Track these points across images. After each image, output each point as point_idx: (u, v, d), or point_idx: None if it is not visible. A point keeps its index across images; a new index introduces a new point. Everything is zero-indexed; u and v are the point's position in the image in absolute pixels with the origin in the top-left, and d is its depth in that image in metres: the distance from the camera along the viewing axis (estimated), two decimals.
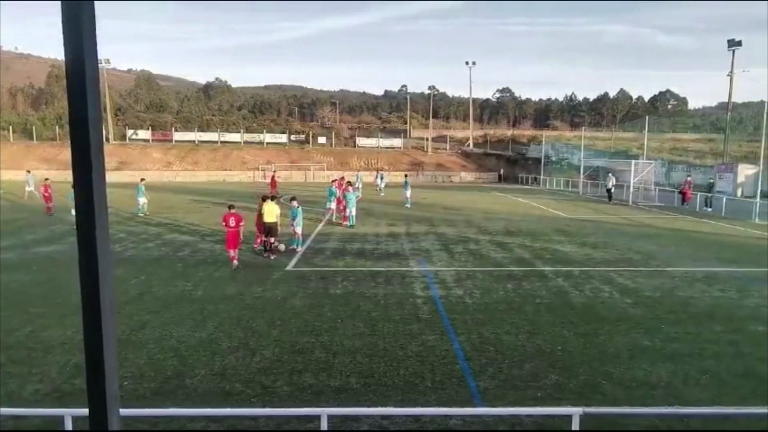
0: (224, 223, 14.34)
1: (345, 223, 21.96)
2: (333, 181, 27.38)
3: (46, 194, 24.72)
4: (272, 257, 15.14)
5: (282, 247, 16.06)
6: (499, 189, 49.90)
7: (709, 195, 30.86)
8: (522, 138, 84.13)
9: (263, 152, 65.82)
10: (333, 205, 24.00)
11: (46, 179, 26.60)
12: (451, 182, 63.43)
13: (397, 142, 73.07)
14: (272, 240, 15.39)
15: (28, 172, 36.19)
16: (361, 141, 72.26)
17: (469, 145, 76.75)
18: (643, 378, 7.36)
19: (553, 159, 62.74)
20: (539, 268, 14.14)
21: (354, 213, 22.17)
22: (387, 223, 23.13)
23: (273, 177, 37.50)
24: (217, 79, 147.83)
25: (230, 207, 15.01)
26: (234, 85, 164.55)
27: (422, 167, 64.84)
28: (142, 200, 25.35)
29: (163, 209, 27.10)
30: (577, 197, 40.29)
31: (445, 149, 73.48)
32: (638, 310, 10.49)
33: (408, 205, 29.75)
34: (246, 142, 68.96)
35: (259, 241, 16.25)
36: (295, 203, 17.46)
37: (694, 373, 7.53)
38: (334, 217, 23.58)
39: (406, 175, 35.86)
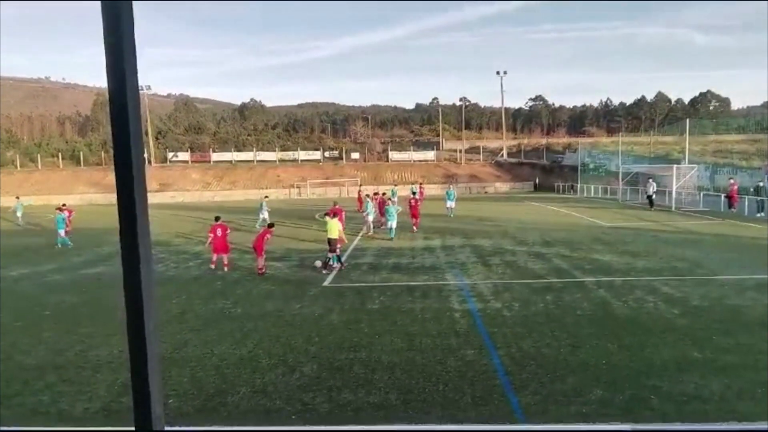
0: (211, 233, 16.17)
1: (383, 227, 23.02)
2: (366, 196, 27.59)
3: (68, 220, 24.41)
4: (325, 270, 15.47)
5: (318, 263, 16.19)
6: (534, 198, 49.11)
7: (759, 198, 29.54)
8: (557, 146, 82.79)
9: (298, 169, 66.89)
10: (371, 218, 24.29)
11: (63, 204, 27.32)
12: (485, 193, 62.82)
13: (429, 154, 73.11)
14: (331, 255, 15.78)
15: (17, 198, 36.02)
16: (394, 155, 72.62)
17: (502, 155, 76.04)
18: (693, 392, 7.04)
19: (590, 166, 61.41)
20: (579, 279, 13.83)
21: (395, 226, 22.55)
22: (422, 237, 23.06)
23: (359, 194, 37.46)
24: (251, 99, 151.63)
25: (217, 219, 16.76)
26: (268, 105, 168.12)
27: (456, 179, 64.50)
28: (264, 215, 28.10)
29: (204, 229, 27.79)
30: (617, 204, 39.23)
31: (479, 160, 73.02)
32: (685, 321, 10.08)
33: (451, 215, 30.40)
34: (281, 160, 70.28)
35: (213, 261, 16.38)
36: (328, 218, 17.63)
37: (748, 387, 7.15)
38: (372, 230, 23.88)
39: (449, 186, 36.95)
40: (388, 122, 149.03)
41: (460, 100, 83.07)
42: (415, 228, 24.37)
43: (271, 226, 15.89)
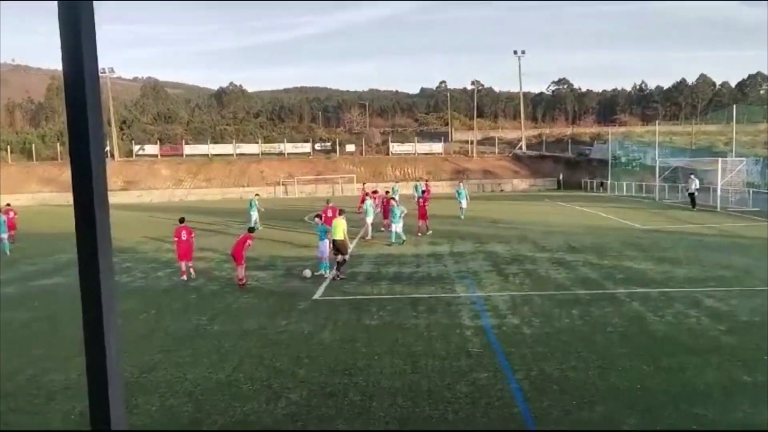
0: (175, 237, 16.44)
1: (387, 230, 23.57)
2: (366, 194, 27.60)
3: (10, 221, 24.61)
4: (340, 277, 15.81)
5: (307, 273, 16.21)
6: (558, 197, 49.11)
7: None
8: (584, 136, 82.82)
9: (284, 164, 66.93)
10: (371, 220, 24.37)
11: (8, 204, 27.35)
12: (501, 191, 62.87)
13: (436, 146, 73.13)
14: (340, 259, 16.01)
15: None
16: (396, 147, 72.65)
17: (521, 147, 76.11)
18: (743, 420, 7.04)
19: (622, 159, 61.41)
20: (609, 290, 13.85)
21: (400, 229, 22.64)
22: (428, 242, 23.08)
23: (363, 192, 37.40)
24: (230, 83, 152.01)
25: (181, 220, 17.04)
26: (250, 90, 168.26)
27: (467, 174, 64.53)
28: (255, 215, 28.28)
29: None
30: (653, 204, 39.30)
31: (494, 153, 73.09)
32: (733, 339, 10.08)
33: (462, 217, 30.65)
34: (264, 154, 70.30)
35: (182, 272, 16.50)
36: (318, 220, 17.65)
37: None
38: (371, 234, 23.84)
39: (459, 183, 36.42)
40: (388, 109, 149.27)
41: (472, 83, 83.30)
42: (421, 232, 24.75)
43: (251, 231, 15.93)
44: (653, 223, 27.42)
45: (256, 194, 32.62)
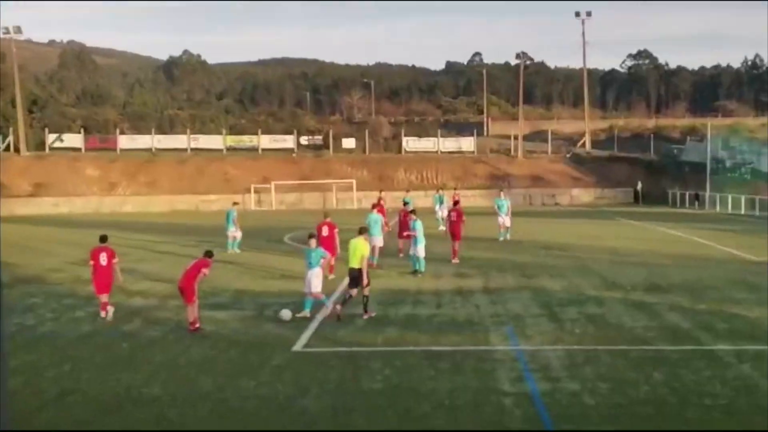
0: (92, 260, 16.60)
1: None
2: (374, 205, 27.60)
3: None
4: (371, 314, 16.26)
5: (286, 314, 16.13)
6: (635, 214, 48.94)
7: None
8: (672, 131, 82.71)
9: (258, 164, 67.21)
10: (379, 241, 24.42)
11: None
12: (556, 205, 62.88)
13: (467, 143, 73.29)
14: (353, 293, 16.53)
15: None
16: (411, 143, 72.90)
17: (584, 145, 76.15)
18: None
19: (727, 163, 61.28)
20: (708, 346, 13.73)
21: (423, 254, 22.79)
22: (453, 272, 22.94)
23: (380, 202, 37.70)
24: (185, 52, 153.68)
25: (102, 239, 17.09)
26: (211, 61, 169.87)
27: (508, 182, 64.61)
28: (233, 232, 29.14)
29: None
30: None
31: (546, 152, 73.16)
32: None
33: (504, 238, 31.62)
34: (231, 149, 70.64)
35: (103, 308, 16.69)
36: (313, 242, 17.66)
37: None
38: (375, 261, 23.54)
39: (500, 192, 36.35)
40: (401, 91, 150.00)
41: (517, 57, 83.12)
42: (455, 257, 25.19)
43: (209, 255, 15.87)
44: None
45: (235, 202, 33.13)
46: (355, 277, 16.56)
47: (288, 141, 71.93)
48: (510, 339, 14.47)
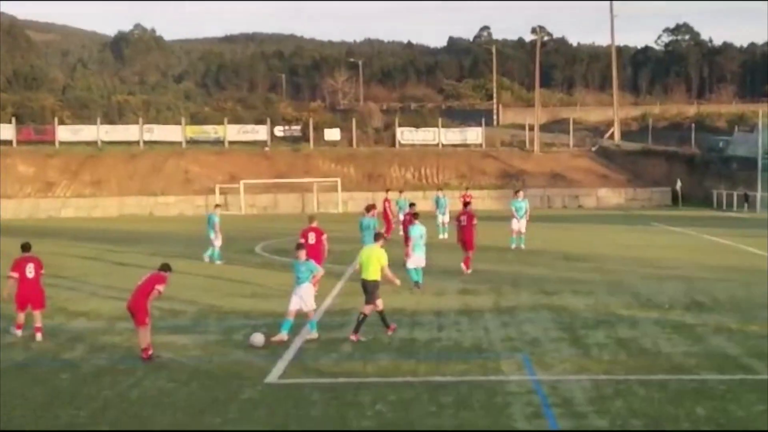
0: (15, 272, 16.87)
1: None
2: (368, 208, 27.20)
3: None
4: (359, 338, 16.42)
5: (258, 339, 16.08)
6: (674, 219, 49.05)
7: None
8: (717, 119, 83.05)
9: (224, 159, 67.21)
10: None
11: None
12: (579, 207, 63.06)
13: (472, 134, 73.47)
14: (366, 311, 16.75)
15: None
16: (407, 134, 72.97)
17: (612, 137, 76.37)
18: None
19: None
20: (760, 376, 13.70)
21: (422, 263, 23.34)
22: (457, 288, 22.95)
23: (386, 204, 37.92)
24: (137, 26, 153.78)
25: (25, 247, 17.39)
26: (168, 38, 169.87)
27: (523, 180, 64.76)
28: (213, 240, 29.54)
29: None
30: None
31: (567, 145, 73.34)
32: None
33: (517, 245, 32.25)
34: (192, 142, 70.58)
35: (19, 325, 16.98)
36: (302, 254, 17.54)
37: None
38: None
39: (516, 192, 36.44)
40: (395, 73, 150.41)
41: (533, 32, 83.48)
42: (468, 268, 25.64)
43: (165, 269, 15.77)
44: None
45: (217, 205, 33.34)
46: (371, 291, 16.83)
47: (260, 132, 71.94)
48: (526, 368, 14.41)
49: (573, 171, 68.25)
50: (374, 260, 17.01)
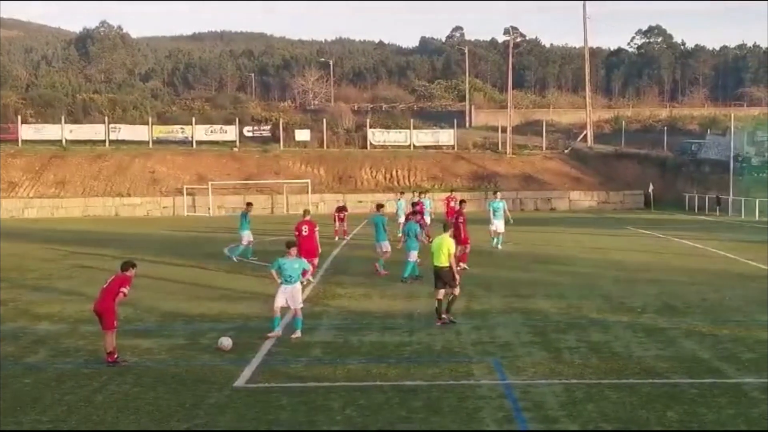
0: None
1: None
2: (378, 207, 29.01)
3: None
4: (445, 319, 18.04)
5: (226, 342, 16.03)
6: (647, 222, 49.41)
7: None
8: (689, 122, 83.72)
9: (192, 160, 66.92)
10: (386, 244, 26.43)
11: None
12: (552, 210, 63.34)
13: (445, 135, 73.71)
14: (442, 297, 18.44)
15: None
16: (378, 135, 73.05)
17: (585, 140, 76.84)
18: None
19: (754, 161, 62.17)
20: (731, 379, 13.86)
21: (413, 258, 24.77)
22: (428, 291, 22.98)
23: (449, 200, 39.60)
24: (102, 23, 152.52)
25: None
26: (135, 35, 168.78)
27: (495, 182, 65.01)
28: (247, 237, 30.20)
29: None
30: None
31: (540, 147, 73.68)
32: None
33: (498, 246, 33.20)
34: (159, 142, 70.22)
35: None
36: (294, 251, 17.80)
37: None
38: (382, 267, 26.05)
39: (495, 193, 38.62)
40: (367, 73, 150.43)
41: (506, 33, 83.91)
42: (464, 261, 26.64)
43: (128, 268, 15.65)
44: None
45: (249, 203, 33.73)
46: (442, 277, 18.27)
47: (228, 132, 71.75)
48: (497, 372, 14.44)
49: (545, 173, 68.57)
50: (444, 248, 18.38)
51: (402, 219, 37.96)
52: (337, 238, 37.45)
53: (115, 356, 15.08)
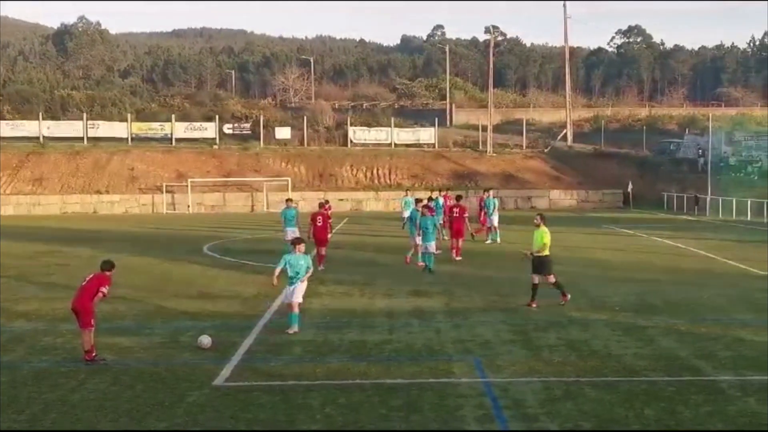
0: None
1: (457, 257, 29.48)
2: (425, 204, 30.10)
3: None
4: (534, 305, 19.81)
5: (205, 341, 15.98)
6: (625, 220, 49.62)
7: None
8: (668, 122, 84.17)
9: (171, 157, 66.65)
10: (418, 239, 27.20)
11: None
12: (532, 208, 63.31)
13: (425, 134, 73.70)
14: (551, 280, 20.47)
15: None
16: (359, 133, 72.94)
17: (565, 138, 77.08)
18: None
19: (731, 161, 62.56)
20: (709, 377, 13.95)
21: (433, 249, 26.74)
22: (409, 290, 23.04)
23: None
24: (81, 19, 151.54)
25: None
26: (114, 31, 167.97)
27: (476, 180, 65.15)
28: (292, 232, 29.55)
29: None
30: None
31: (520, 146, 73.85)
32: None
33: (497, 240, 35.36)
34: (138, 139, 69.87)
35: None
36: (302, 248, 17.95)
37: None
38: (420, 258, 27.40)
39: (486, 191, 40.50)
40: (348, 71, 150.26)
41: (487, 31, 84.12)
42: (457, 254, 29.63)
43: (107, 268, 15.56)
44: None
45: (289, 199, 33.71)
46: (542, 265, 20.20)
47: (208, 130, 71.48)
48: (477, 370, 14.47)
49: (526, 172, 68.74)
50: (540, 239, 20.14)
51: (407, 214, 39.44)
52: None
53: (93, 354, 15.00)
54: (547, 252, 20.38)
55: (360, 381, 13.75)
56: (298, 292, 17.43)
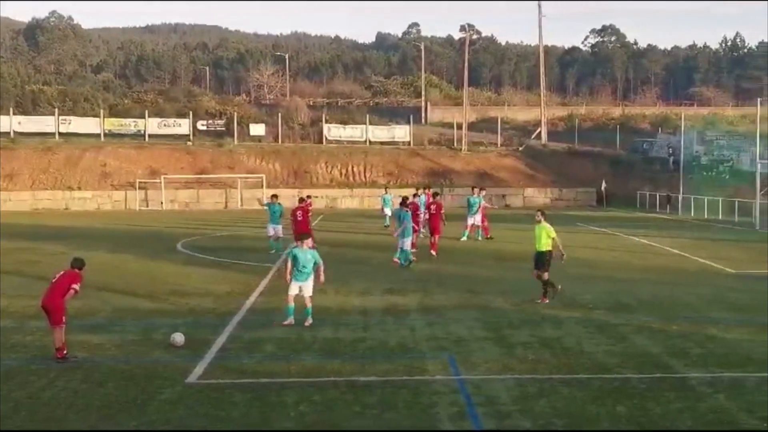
0: None
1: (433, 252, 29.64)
2: (405, 199, 29.93)
3: None
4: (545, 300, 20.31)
5: (178, 338, 15.92)
6: (598, 219, 49.90)
7: None
8: (641, 121, 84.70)
9: (144, 154, 66.31)
10: (407, 241, 27.34)
11: None
12: (506, 207, 63.69)
13: (400, 132, 73.74)
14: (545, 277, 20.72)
15: None
16: (334, 130, 72.86)
17: (539, 137, 77.36)
18: None
19: (703, 160, 63.05)
20: (679, 374, 14.07)
21: (408, 246, 27.22)
22: (383, 288, 23.07)
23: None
24: (52, 13, 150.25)
25: None
26: (86, 26, 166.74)
27: (450, 179, 65.26)
28: (274, 228, 30.14)
29: None
30: (753, 234, 40.54)
31: (495, 144, 74.06)
32: None
33: (479, 238, 36.06)
34: (111, 135, 69.42)
35: None
36: (309, 242, 18.19)
37: None
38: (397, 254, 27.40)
39: (473, 188, 40.04)
40: (323, 68, 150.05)
41: (462, 29, 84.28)
42: (434, 251, 29.82)
43: (78, 265, 15.44)
44: (754, 266, 28.00)
45: (274, 195, 32.87)
46: (543, 261, 20.72)
47: (182, 126, 71.18)
48: (451, 367, 14.51)
49: (500, 170, 68.93)
50: (544, 234, 20.66)
51: (388, 211, 41.91)
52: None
53: (64, 352, 14.90)
54: (549, 248, 20.91)
55: (334, 378, 13.76)
56: (309, 287, 17.78)
